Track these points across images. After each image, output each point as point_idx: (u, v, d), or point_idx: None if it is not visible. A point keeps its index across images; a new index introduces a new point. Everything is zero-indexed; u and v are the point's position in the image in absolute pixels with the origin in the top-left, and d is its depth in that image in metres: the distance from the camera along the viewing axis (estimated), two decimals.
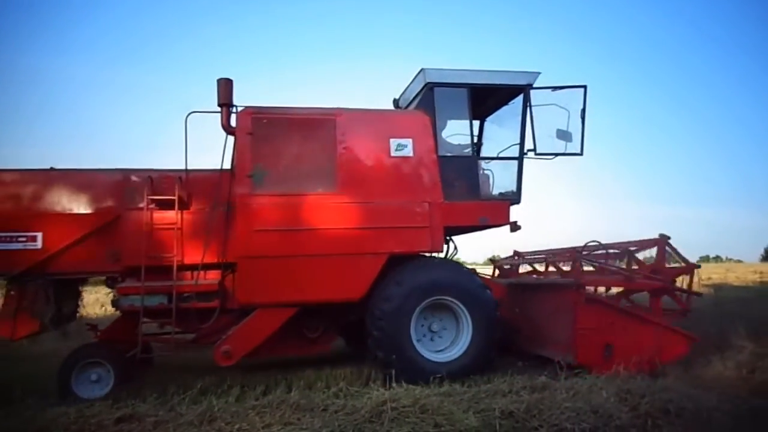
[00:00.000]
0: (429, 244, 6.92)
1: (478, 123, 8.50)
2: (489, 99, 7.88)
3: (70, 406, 5.18)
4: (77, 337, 7.98)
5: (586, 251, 7.84)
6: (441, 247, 7.06)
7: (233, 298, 6.66)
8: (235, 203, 6.60)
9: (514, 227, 7.50)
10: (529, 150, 7.44)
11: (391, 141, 6.97)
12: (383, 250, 6.74)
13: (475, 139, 7.84)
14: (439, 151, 7.15)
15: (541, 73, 7.40)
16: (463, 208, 7.11)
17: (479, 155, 7.83)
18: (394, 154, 6.95)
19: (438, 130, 7.26)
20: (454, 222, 7.09)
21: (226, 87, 6.84)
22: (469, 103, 7.31)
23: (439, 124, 7.27)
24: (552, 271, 8.93)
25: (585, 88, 7.33)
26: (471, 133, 7.50)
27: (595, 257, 7.89)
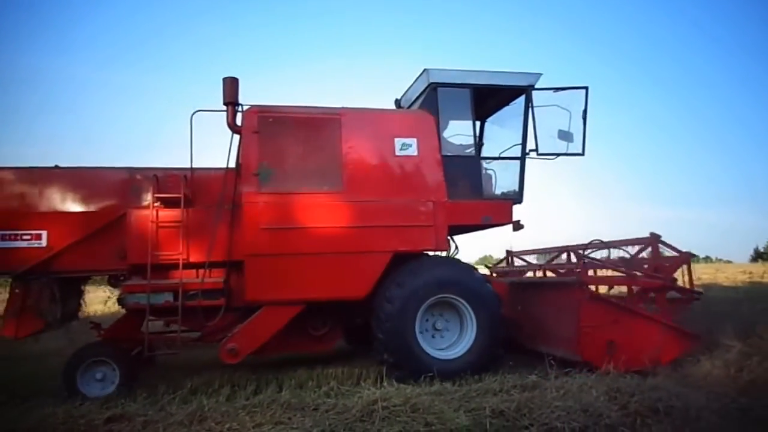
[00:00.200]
0: (433, 243, 6.97)
1: (478, 123, 8.50)
2: (490, 99, 7.91)
3: (59, 405, 5.16)
4: (75, 336, 7.94)
5: (587, 250, 7.89)
6: (445, 245, 7.11)
7: (239, 296, 6.66)
8: (241, 202, 6.62)
9: (516, 226, 7.55)
10: (531, 150, 7.50)
11: (396, 140, 7.01)
12: (388, 249, 6.78)
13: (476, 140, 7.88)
14: (442, 151, 7.18)
15: (542, 74, 7.47)
16: (467, 207, 7.17)
17: (480, 155, 7.86)
18: (398, 153, 7.00)
19: (440, 130, 7.30)
20: (458, 221, 7.13)
21: (232, 86, 6.85)
22: (472, 103, 7.36)
23: (441, 125, 7.31)
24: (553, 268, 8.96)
25: (586, 89, 7.38)
26: (474, 134, 7.55)
27: (599, 255, 7.94)
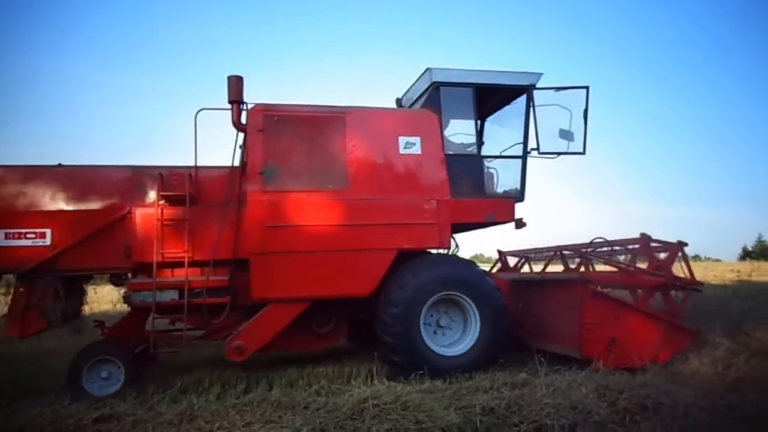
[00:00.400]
0: (437, 241, 7.00)
1: (478, 122, 8.54)
2: (491, 99, 7.93)
3: (48, 405, 5.11)
4: (69, 335, 7.94)
5: (590, 248, 8.00)
6: (448, 243, 7.13)
7: (244, 293, 6.66)
8: (246, 200, 6.62)
9: (519, 224, 7.58)
10: (532, 149, 7.54)
11: (400, 139, 7.04)
12: (392, 246, 6.80)
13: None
14: (445, 149, 7.21)
15: (543, 73, 7.51)
16: (470, 205, 7.21)
17: (481, 154, 7.85)
18: (402, 151, 7.02)
19: (442, 128, 7.32)
20: (461, 219, 7.18)
21: (237, 84, 6.84)
22: (474, 102, 7.39)
23: (443, 123, 7.34)
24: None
25: (587, 89, 7.41)
26: (476, 132, 7.60)
27: (599, 254, 8.02)
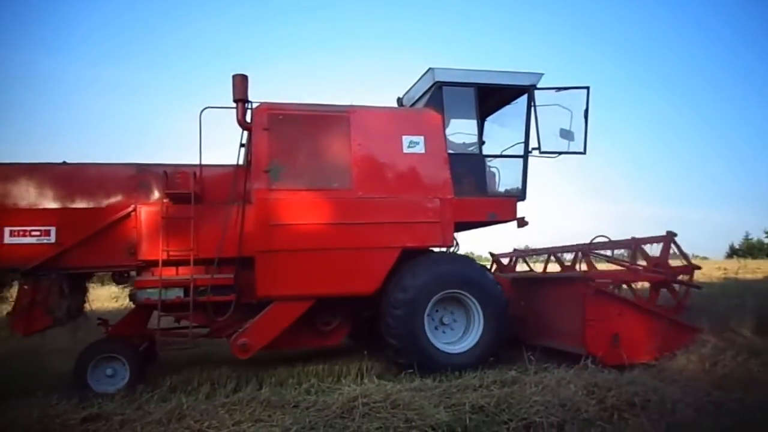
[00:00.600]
0: (440, 239, 7.06)
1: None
2: (492, 98, 7.96)
3: (35, 405, 5.07)
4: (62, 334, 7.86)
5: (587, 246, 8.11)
6: (451, 241, 7.19)
7: (248, 291, 6.67)
8: (251, 198, 6.64)
9: (521, 223, 7.64)
10: (533, 148, 7.58)
11: (404, 138, 7.08)
12: (396, 245, 6.85)
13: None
14: (447, 148, 7.25)
15: (544, 74, 7.56)
16: (472, 204, 7.27)
17: (482, 153, 7.89)
18: (406, 151, 7.06)
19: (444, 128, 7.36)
20: (464, 217, 7.23)
21: (242, 83, 6.85)
22: (476, 102, 7.44)
23: (445, 123, 7.37)
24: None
25: (588, 89, 7.47)
26: (478, 132, 7.63)
27: (601, 253, 8.10)
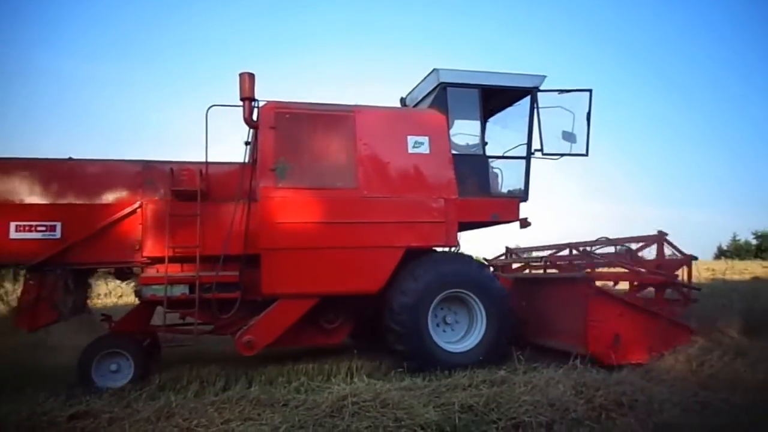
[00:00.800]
0: (444, 239, 7.08)
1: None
2: (495, 100, 7.98)
3: (23, 402, 5.03)
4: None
5: (594, 246, 8.15)
6: (455, 241, 7.23)
7: (253, 289, 6.68)
8: (258, 196, 6.64)
9: (524, 223, 7.69)
10: (536, 150, 7.62)
11: (409, 138, 7.09)
12: (401, 244, 6.87)
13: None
14: (451, 149, 7.27)
15: (547, 76, 7.60)
16: (476, 204, 7.32)
17: (486, 154, 7.93)
18: (411, 151, 7.08)
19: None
20: (468, 218, 7.26)
21: (249, 81, 6.84)
22: (480, 103, 7.47)
23: (449, 123, 7.39)
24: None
25: (590, 91, 7.52)
26: (482, 133, 7.66)
27: (603, 253, 8.14)
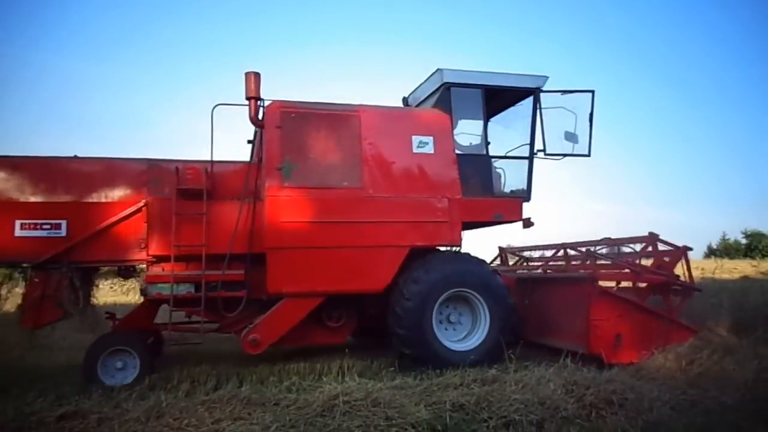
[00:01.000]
0: (448, 238, 7.14)
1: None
2: (498, 100, 7.99)
3: (10, 402, 4.99)
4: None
5: (597, 246, 8.31)
6: (459, 240, 7.25)
7: (258, 287, 6.67)
8: (264, 195, 6.64)
9: (527, 223, 7.71)
10: (538, 150, 7.64)
11: (413, 138, 7.12)
12: (405, 243, 6.91)
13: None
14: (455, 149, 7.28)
15: (549, 77, 7.62)
16: (480, 204, 7.34)
17: (489, 154, 7.94)
18: (416, 150, 7.11)
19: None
20: (471, 217, 7.29)
21: (255, 81, 6.83)
22: (483, 103, 7.49)
23: (453, 123, 7.40)
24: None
25: (593, 92, 7.54)
26: (485, 133, 7.67)
27: (607, 254, 8.30)
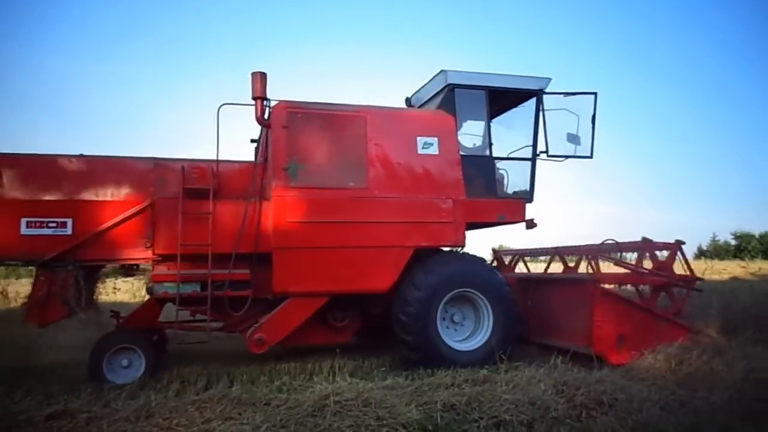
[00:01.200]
0: (453, 239, 7.17)
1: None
2: (500, 101, 8.00)
3: None
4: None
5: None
6: (463, 241, 7.28)
7: (263, 287, 6.68)
8: (270, 195, 6.65)
9: (530, 224, 7.74)
10: (541, 152, 7.68)
11: (418, 139, 7.16)
12: (410, 244, 6.95)
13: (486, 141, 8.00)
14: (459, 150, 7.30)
15: (552, 78, 7.65)
16: (483, 205, 7.39)
17: (492, 155, 7.95)
18: (420, 151, 7.15)
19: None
20: (475, 218, 7.33)
21: (261, 81, 6.83)
22: (487, 104, 7.51)
23: (457, 125, 7.42)
24: None
25: (595, 94, 7.58)
26: (489, 134, 7.69)
27: (609, 255, 8.24)
